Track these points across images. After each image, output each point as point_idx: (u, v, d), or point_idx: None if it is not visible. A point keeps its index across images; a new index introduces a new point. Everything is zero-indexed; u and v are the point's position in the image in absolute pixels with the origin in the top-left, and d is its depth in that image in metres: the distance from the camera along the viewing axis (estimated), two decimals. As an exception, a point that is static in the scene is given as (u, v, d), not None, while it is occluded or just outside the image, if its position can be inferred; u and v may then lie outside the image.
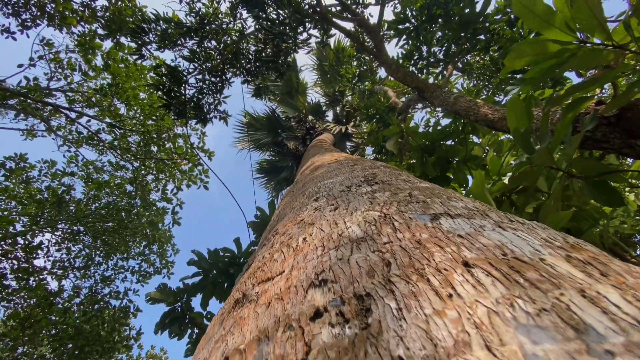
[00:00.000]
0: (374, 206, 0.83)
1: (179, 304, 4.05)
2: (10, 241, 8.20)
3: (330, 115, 11.66)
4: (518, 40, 3.76)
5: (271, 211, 3.92)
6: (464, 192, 3.74)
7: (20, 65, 6.53)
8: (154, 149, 8.72)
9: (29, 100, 6.98)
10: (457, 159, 3.65)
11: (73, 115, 7.75)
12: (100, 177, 9.39)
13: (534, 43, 1.75)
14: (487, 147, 4.47)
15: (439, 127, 3.49)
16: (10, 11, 5.51)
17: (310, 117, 10.70)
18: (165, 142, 8.88)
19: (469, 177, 3.71)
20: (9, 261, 8.45)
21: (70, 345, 8.83)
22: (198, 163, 9.04)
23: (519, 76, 5.32)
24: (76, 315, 9.24)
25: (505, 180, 1.95)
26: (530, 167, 2.00)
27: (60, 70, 7.25)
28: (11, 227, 8.08)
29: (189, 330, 3.95)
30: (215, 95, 6.54)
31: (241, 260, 4.05)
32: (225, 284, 3.99)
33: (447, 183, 3.71)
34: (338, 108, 11.30)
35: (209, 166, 7.83)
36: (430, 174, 3.44)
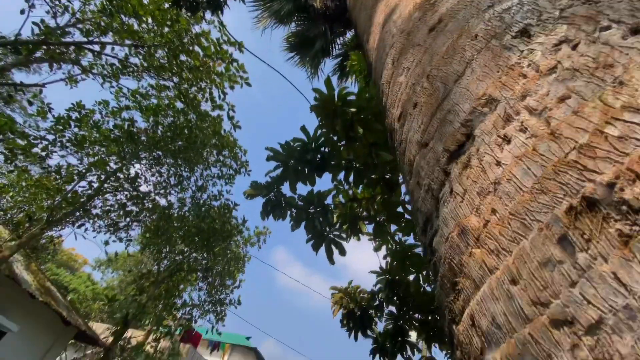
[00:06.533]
0: None
1: (272, 194, 4.50)
2: (112, 178, 9.54)
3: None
4: None
5: (329, 90, 3.63)
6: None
7: (22, 11, 6.10)
8: (184, 58, 8.32)
9: (51, 47, 6.81)
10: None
11: (97, 48, 7.49)
12: (150, 103, 9.65)
13: None
14: None
15: None
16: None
17: (329, -41, 8.65)
18: (190, 47, 8.34)
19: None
20: (123, 193, 10.11)
21: (197, 239, 11.17)
22: (232, 59, 8.52)
23: None
24: (191, 218, 11.27)
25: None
26: None
27: (57, 1, 6.64)
28: (108, 167, 9.29)
29: (289, 212, 4.50)
30: (218, -31, 5.48)
31: (313, 145, 4.12)
32: (306, 169, 4.21)
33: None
34: None
35: (247, 48, 7.34)
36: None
